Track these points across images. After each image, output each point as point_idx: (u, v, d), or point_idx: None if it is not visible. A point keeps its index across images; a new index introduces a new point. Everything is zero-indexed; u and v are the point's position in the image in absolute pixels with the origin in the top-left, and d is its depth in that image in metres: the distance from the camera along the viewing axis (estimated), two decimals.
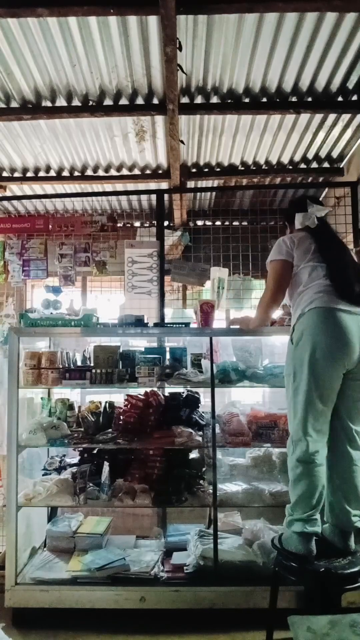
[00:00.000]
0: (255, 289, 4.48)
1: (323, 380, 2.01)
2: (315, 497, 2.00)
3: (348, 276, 2.14)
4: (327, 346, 1.99)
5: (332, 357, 1.99)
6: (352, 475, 2.05)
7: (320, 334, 2.01)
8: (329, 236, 2.31)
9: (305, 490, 2.00)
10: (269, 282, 2.34)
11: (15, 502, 2.58)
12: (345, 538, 2.05)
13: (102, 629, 2.41)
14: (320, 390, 2.01)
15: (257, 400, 3.38)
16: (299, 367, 2.07)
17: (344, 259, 2.22)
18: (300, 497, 2.02)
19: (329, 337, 2.00)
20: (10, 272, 3.46)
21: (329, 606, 1.86)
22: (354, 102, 3.15)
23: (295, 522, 2.03)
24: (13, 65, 2.85)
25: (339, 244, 2.30)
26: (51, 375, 2.72)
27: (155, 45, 2.70)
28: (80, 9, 2.33)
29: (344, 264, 2.19)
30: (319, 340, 2.01)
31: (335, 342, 1.99)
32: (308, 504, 2.00)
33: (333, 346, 1.99)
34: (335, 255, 2.22)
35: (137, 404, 2.81)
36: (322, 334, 2.01)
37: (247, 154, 3.97)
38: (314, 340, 2.02)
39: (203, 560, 2.51)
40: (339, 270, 2.16)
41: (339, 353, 1.98)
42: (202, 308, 2.79)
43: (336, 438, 2.09)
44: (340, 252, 2.25)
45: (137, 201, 4.94)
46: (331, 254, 2.22)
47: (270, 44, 2.71)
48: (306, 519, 2.00)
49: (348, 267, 2.18)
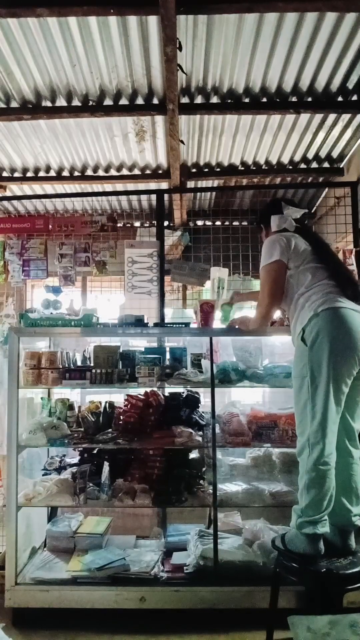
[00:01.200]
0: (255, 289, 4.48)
1: (343, 380, 1.99)
2: (327, 499, 1.98)
3: (348, 276, 2.19)
4: (345, 346, 1.99)
5: (350, 356, 1.99)
6: (352, 474, 2.06)
7: (337, 335, 2.00)
8: (316, 237, 2.35)
9: (319, 493, 1.97)
10: (266, 284, 2.29)
11: (15, 502, 2.57)
12: (345, 537, 2.05)
13: (102, 629, 2.41)
14: (340, 391, 2.00)
15: (257, 400, 3.38)
16: (317, 368, 2.02)
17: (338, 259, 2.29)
18: (313, 499, 1.98)
19: (345, 336, 2.00)
20: (10, 272, 3.46)
21: (329, 606, 1.85)
22: (354, 102, 3.16)
23: (306, 524, 1.99)
24: (13, 65, 2.85)
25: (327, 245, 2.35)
26: (51, 375, 2.72)
27: (155, 45, 2.70)
28: (80, 9, 2.33)
29: (339, 263, 2.25)
30: (337, 340, 1.99)
31: (350, 341, 1.99)
32: (320, 506, 1.97)
33: (349, 346, 1.99)
34: (330, 255, 2.27)
35: (137, 404, 2.81)
36: (339, 335, 2.00)
37: (247, 154, 3.97)
38: (331, 340, 2.00)
39: (203, 560, 2.51)
40: (339, 270, 2.19)
41: (353, 352, 1.99)
42: (202, 308, 2.79)
43: (344, 440, 2.09)
44: (332, 252, 2.32)
45: (137, 201, 4.95)
46: (327, 255, 2.25)
47: (270, 44, 2.71)
48: (317, 520, 1.98)
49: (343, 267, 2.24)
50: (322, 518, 1.99)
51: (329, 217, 4.16)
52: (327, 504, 1.99)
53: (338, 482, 2.05)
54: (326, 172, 4.15)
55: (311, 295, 2.12)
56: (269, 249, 2.26)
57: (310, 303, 2.11)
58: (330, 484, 1.99)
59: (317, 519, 1.97)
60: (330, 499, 2.00)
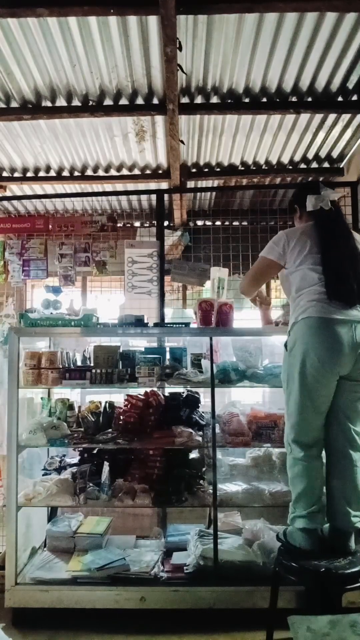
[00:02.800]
0: None
1: (315, 389, 2.03)
2: (314, 494, 2.04)
3: (345, 277, 2.05)
4: (319, 357, 1.99)
5: (323, 368, 1.99)
6: (352, 476, 2.05)
7: (311, 345, 2.01)
8: (334, 227, 2.18)
9: (303, 488, 2.05)
10: (251, 272, 2.41)
11: (15, 502, 2.58)
12: (345, 539, 2.05)
13: (102, 629, 2.41)
14: (313, 399, 2.04)
15: (257, 400, 3.38)
16: (291, 374, 2.10)
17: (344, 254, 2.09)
18: (299, 495, 2.07)
19: (320, 348, 1.99)
20: (10, 272, 3.46)
21: (329, 606, 1.86)
22: (354, 102, 3.15)
23: (297, 519, 2.07)
24: (13, 65, 2.84)
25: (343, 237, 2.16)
26: (51, 375, 2.72)
27: (155, 45, 2.70)
28: (80, 9, 2.32)
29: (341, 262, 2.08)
30: (310, 351, 2.01)
31: (327, 352, 1.98)
32: (307, 501, 2.04)
33: (324, 357, 1.98)
34: (334, 253, 2.11)
35: (137, 404, 2.81)
36: (313, 345, 2.01)
37: (247, 154, 3.96)
38: (305, 350, 2.02)
39: (203, 560, 2.51)
40: (336, 272, 2.07)
41: (329, 364, 1.98)
42: (201, 306, 2.80)
43: (335, 439, 2.09)
44: (342, 247, 2.12)
45: (137, 201, 4.94)
46: (330, 252, 2.11)
47: (270, 44, 2.71)
48: (306, 515, 2.04)
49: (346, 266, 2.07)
50: (312, 513, 2.03)
51: None
52: (316, 499, 2.04)
53: (338, 484, 2.07)
54: (326, 172, 4.14)
55: (300, 301, 2.12)
56: (272, 244, 2.29)
57: (296, 308, 2.13)
58: (314, 480, 2.04)
59: (306, 514, 2.03)
60: (319, 494, 2.05)
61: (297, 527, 2.05)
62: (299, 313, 2.09)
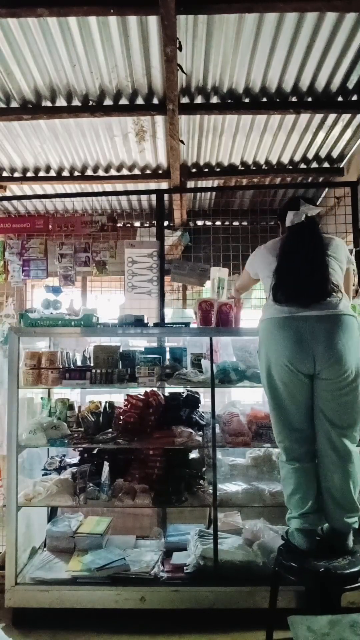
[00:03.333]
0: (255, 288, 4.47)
1: (280, 389, 2.07)
2: (305, 496, 2.05)
3: (295, 280, 2.07)
4: (275, 357, 2.04)
5: (282, 368, 2.03)
6: (339, 479, 2.02)
7: (267, 346, 2.10)
8: (300, 235, 2.18)
9: (292, 490, 2.08)
10: (240, 279, 2.76)
11: (15, 502, 2.57)
12: (342, 539, 2.04)
13: (102, 629, 2.41)
14: (282, 399, 2.08)
15: (257, 400, 3.38)
16: (262, 377, 2.19)
17: (300, 259, 2.11)
18: (289, 496, 2.10)
19: (277, 348, 2.04)
20: (10, 272, 3.46)
21: (329, 606, 1.86)
22: (354, 102, 3.16)
23: (292, 520, 2.10)
24: (13, 65, 2.85)
25: (304, 243, 2.14)
26: (51, 375, 2.72)
27: (155, 45, 2.70)
28: (80, 9, 2.33)
29: (293, 267, 2.10)
30: (267, 353, 2.09)
31: (282, 351, 2.02)
32: (299, 502, 2.06)
33: (279, 356, 2.03)
34: (287, 259, 2.14)
35: (137, 404, 2.81)
36: (268, 345, 2.09)
37: (247, 154, 3.97)
38: (266, 355, 2.11)
39: (203, 560, 2.51)
40: (285, 276, 2.11)
41: (286, 362, 2.01)
42: (201, 306, 2.80)
43: (319, 441, 2.08)
44: (299, 254, 2.13)
45: (137, 201, 4.95)
46: (283, 259, 2.16)
47: (270, 44, 2.71)
48: (298, 516, 2.05)
49: (300, 270, 2.09)
50: (304, 515, 2.04)
51: (329, 217, 4.16)
52: (306, 502, 2.04)
53: (326, 485, 2.07)
54: (326, 172, 4.15)
55: (263, 307, 2.25)
56: (249, 259, 2.52)
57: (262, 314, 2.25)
58: (303, 481, 2.06)
59: (297, 515, 2.06)
60: (311, 495, 2.05)
61: (294, 527, 2.08)
62: (260, 318, 2.22)
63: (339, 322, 1.99)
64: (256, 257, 2.43)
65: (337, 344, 1.95)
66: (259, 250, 2.43)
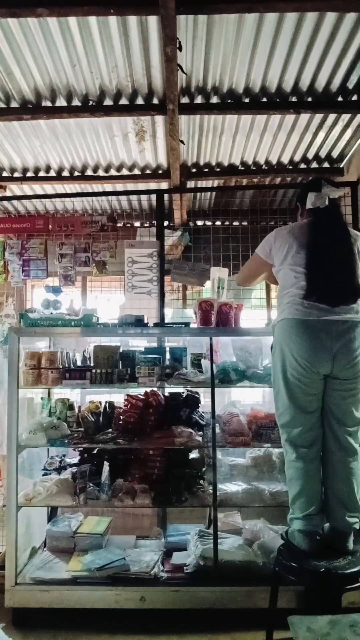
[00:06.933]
0: (255, 288, 4.48)
1: (297, 389, 2.05)
2: (310, 497, 2.04)
3: (328, 277, 2.02)
4: (296, 358, 2.02)
5: (301, 368, 2.01)
6: (344, 477, 2.04)
7: (288, 347, 2.04)
8: (326, 225, 2.12)
9: (298, 491, 2.06)
10: (245, 267, 2.50)
11: (15, 502, 2.58)
12: (343, 539, 2.04)
13: (102, 629, 2.41)
14: (296, 399, 2.06)
15: (257, 400, 3.38)
16: (275, 375, 2.14)
17: (331, 253, 2.04)
18: (295, 496, 2.08)
19: (297, 349, 2.02)
20: (10, 272, 3.46)
21: (329, 606, 1.86)
22: (354, 102, 3.15)
23: (294, 521, 2.07)
24: (13, 65, 2.84)
25: (334, 235, 2.10)
26: (51, 375, 2.72)
27: (155, 45, 2.70)
28: (80, 9, 2.32)
29: (325, 261, 2.03)
30: (288, 352, 2.05)
31: (305, 353, 2.00)
32: (303, 503, 2.04)
33: (302, 358, 2.01)
34: (319, 251, 2.06)
35: (137, 404, 2.81)
36: (290, 347, 2.04)
37: (247, 154, 3.96)
38: (283, 352, 2.07)
39: (203, 560, 2.51)
40: (317, 272, 2.04)
41: (308, 364, 2.00)
42: (201, 306, 2.80)
43: (326, 439, 2.09)
44: (329, 245, 2.06)
45: (137, 201, 4.94)
46: (313, 251, 2.06)
47: (270, 44, 2.70)
48: (302, 518, 2.04)
49: (331, 265, 2.03)
50: (308, 516, 2.03)
51: None
52: (311, 503, 2.03)
53: (331, 484, 2.07)
54: (326, 172, 4.14)
55: (282, 301, 2.16)
56: (264, 241, 2.32)
57: (278, 309, 2.18)
58: (310, 482, 2.04)
59: (301, 516, 2.04)
60: (316, 497, 2.04)
61: (296, 528, 2.06)
62: (279, 314, 2.16)
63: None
64: (276, 239, 2.21)
65: (357, 349, 1.99)
66: (279, 232, 2.23)
